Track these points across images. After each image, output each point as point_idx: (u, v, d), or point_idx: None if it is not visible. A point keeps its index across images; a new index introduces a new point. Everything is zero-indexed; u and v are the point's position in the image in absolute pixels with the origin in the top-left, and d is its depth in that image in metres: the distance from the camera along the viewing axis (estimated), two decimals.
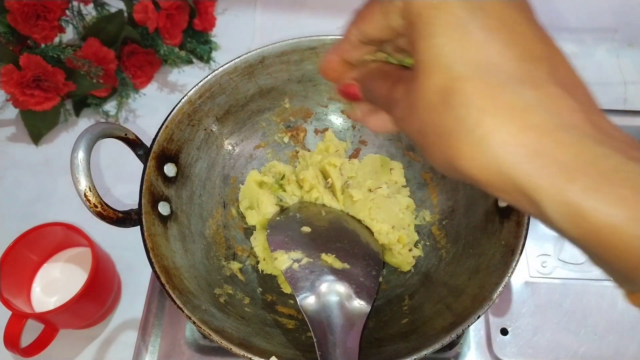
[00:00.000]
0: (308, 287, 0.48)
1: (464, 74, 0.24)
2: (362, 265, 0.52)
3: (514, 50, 0.24)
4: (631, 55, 0.85)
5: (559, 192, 0.22)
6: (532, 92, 0.24)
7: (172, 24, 0.77)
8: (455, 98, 0.24)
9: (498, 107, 0.24)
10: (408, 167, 0.63)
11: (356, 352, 0.43)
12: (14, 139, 0.78)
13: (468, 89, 0.24)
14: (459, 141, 0.24)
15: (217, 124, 0.60)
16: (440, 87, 0.25)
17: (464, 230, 0.56)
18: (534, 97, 0.24)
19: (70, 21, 0.79)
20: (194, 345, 0.58)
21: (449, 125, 0.25)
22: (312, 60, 0.60)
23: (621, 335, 0.59)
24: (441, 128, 0.25)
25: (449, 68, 0.24)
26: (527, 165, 0.23)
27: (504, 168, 0.23)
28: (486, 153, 0.24)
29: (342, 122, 0.66)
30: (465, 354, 0.57)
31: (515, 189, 0.24)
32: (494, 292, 0.45)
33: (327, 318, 0.46)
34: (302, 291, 0.48)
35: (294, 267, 0.50)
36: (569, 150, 0.23)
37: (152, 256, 0.47)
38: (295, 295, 0.48)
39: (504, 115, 0.23)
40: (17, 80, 0.69)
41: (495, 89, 0.24)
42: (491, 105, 0.24)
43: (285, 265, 0.50)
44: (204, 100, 0.57)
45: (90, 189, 0.46)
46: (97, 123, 0.49)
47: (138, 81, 0.81)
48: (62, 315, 0.56)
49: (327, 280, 0.49)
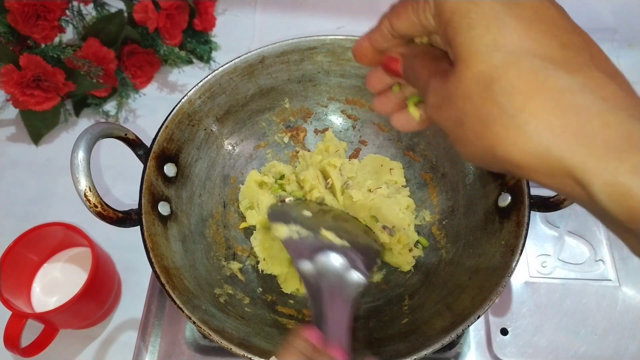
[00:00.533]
0: (307, 255, 0.49)
1: (504, 61, 0.24)
2: (361, 245, 0.53)
3: (553, 38, 0.25)
4: (631, 55, 0.85)
5: (609, 172, 0.22)
6: (575, 76, 0.24)
7: (172, 24, 0.77)
8: (496, 85, 0.24)
9: (541, 91, 0.24)
10: (408, 167, 0.63)
11: (345, 325, 0.43)
12: (14, 139, 0.78)
13: (510, 75, 0.24)
14: (502, 127, 0.24)
15: (217, 124, 0.60)
16: (481, 75, 0.25)
17: (464, 230, 0.56)
18: (577, 81, 0.24)
19: (70, 21, 0.79)
20: (194, 345, 0.58)
21: (491, 112, 0.25)
22: (312, 60, 0.60)
23: (621, 335, 0.59)
24: (483, 115, 0.25)
25: (489, 56, 0.25)
26: (574, 146, 0.23)
27: (550, 151, 0.23)
28: (531, 137, 0.24)
29: (342, 122, 0.66)
30: (465, 354, 0.57)
31: (562, 172, 0.24)
32: (494, 292, 0.45)
33: (322, 283, 0.47)
34: (301, 257, 0.49)
35: (294, 237, 0.51)
36: (616, 131, 0.23)
37: (152, 256, 0.47)
38: (293, 260, 0.49)
39: (548, 98, 0.23)
40: (17, 80, 0.69)
41: (537, 73, 0.24)
42: (534, 89, 0.24)
43: (285, 234, 0.51)
44: (204, 100, 0.57)
45: (90, 189, 0.46)
46: (97, 123, 0.49)
47: (138, 81, 0.81)
48: (62, 315, 0.55)
49: (326, 251, 0.50)
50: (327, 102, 0.65)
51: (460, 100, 0.26)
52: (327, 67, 0.61)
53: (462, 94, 0.26)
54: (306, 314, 0.55)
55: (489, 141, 0.25)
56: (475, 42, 0.25)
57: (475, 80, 0.25)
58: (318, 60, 0.60)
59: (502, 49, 0.24)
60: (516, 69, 0.24)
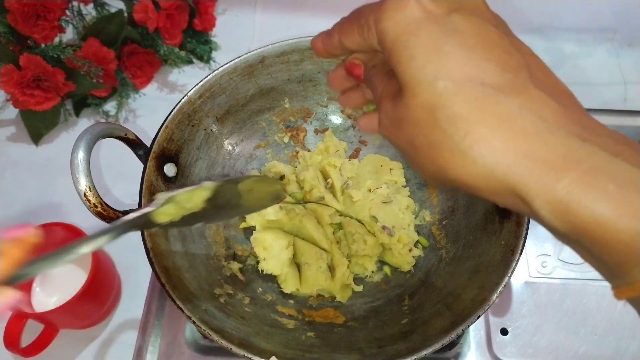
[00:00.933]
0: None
1: (447, 90, 0.25)
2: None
3: (492, 62, 0.26)
4: (631, 55, 0.85)
5: (548, 190, 0.24)
6: (515, 99, 0.25)
7: (172, 24, 0.77)
8: (441, 113, 0.26)
9: (483, 116, 0.25)
10: (408, 167, 0.63)
11: None
12: (14, 139, 0.78)
13: (452, 103, 0.25)
14: (449, 152, 0.26)
15: (217, 124, 0.60)
16: (426, 104, 0.26)
17: (464, 230, 0.56)
18: (517, 103, 0.25)
19: (70, 21, 0.79)
20: (194, 345, 0.58)
21: (438, 138, 0.26)
22: (312, 60, 0.60)
23: (621, 335, 0.59)
24: (430, 141, 0.26)
25: (432, 86, 0.26)
26: (516, 167, 0.24)
27: (495, 173, 0.25)
28: (476, 161, 0.25)
29: (342, 122, 0.66)
30: (465, 354, 0.57)
31: (507, 191, 0.25)
32: (494, 292, 0.45)
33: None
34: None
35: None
36: (555, 150, 0.24)
37: (152, 256, 0.47)
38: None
39: (490, 123, 0.25)
40: (17, 80, 0.69)
41: (478, 99, 0.25)
42: (476, 115, 0.25)
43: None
44: (204, 100, 0.57)
45: (90, 189, 0.46)
46: (97, 123, 0.50)
47: (138, 81, 0.80)
48: (62, 315, 0.55)
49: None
50: (327, 102, 0.65)
51: (410, 126, 0.27)
52: (327, 67, 0.61)
53: (410, 120, 0.27)
54: (306, 314, 0.55)
55: (439, 165, 0.27)
56: (418, 72, 0.26)
57: (421, 108, 0.26)
58: (318, 60, 0.60)
59: (444, 78, 0.25)
60: (458, 97, 0.25)
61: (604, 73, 0.84)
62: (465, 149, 0.25)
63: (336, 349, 0.49)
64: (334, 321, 0.54)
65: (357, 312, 0.55)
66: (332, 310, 0.55)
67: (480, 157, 0.25)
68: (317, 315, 0.55)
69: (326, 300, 0.57)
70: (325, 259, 0.57)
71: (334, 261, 0.57)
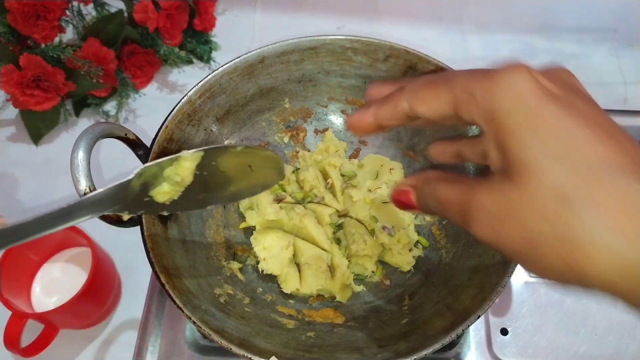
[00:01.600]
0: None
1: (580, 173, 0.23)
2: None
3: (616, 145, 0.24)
4: (631, 55, 0.85)
5: None
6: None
7: (172, 24, 0.77)
8: (576, 199, 0.23)
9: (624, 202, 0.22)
10: (408, 167, 0.63)
11: None
12: (14, 139, 0.78)
13: (590, 188, 0.23)
14: (589, 245, 0.23)
15: (217, 124, 0.60)
16: (556, 189, 0.23)
17: (464, 230, 0.55)
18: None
19: (70, 21, 0.79)
20: (194, 345, 0.58)
21: (574, 231, 0.23)
22: (312, 60, 0.60)
23: (621, 335, 0.59)
24: (563, 233, 0.23)
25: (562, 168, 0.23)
26: None
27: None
28: (623, 254, 0.22)
29: (342, 122, 0.66)
30: (465, 354, 0.57)
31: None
32: (494, 292, 0.45)
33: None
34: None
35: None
36: None
37: (152, 256, 0.47)
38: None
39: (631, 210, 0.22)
40: (17, 80, 0.69)
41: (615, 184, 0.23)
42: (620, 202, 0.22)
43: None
44: (204, 100, 0.57)
45: (90, 189, 0.46)
46: (97, 123, 0.49)
47: (138, 81, 0.81)
48: (62, 315, 0.56)
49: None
50: (327, 102, 0.65)
51: (530, 215, 0.24)
52: (327, 67, 0.61)
53: (530, 209, 0.24)
54: (306, 314, 0.55)
55: (572, 260, 0.23)
56: (543, 151, 0.24)
57: (548, 193, 0.23)
58: (318, 60, 0.60)
59: (576, 160, 0.23)
60: (596, 181, 0.23)
61: (604, 73, 0.84)
62: (612, 242, 0.22)
63: (336, 349, 0.49)
64: (334, 321, 0.54)
65: (357, 312, 0.55)
66: (332, 310, 0.55)
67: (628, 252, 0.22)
68: (317, 315, 0.55)
69: (326, 300, 0.57)
70: (325, 259, 0.57)
71: (334, 261, 0.57)
